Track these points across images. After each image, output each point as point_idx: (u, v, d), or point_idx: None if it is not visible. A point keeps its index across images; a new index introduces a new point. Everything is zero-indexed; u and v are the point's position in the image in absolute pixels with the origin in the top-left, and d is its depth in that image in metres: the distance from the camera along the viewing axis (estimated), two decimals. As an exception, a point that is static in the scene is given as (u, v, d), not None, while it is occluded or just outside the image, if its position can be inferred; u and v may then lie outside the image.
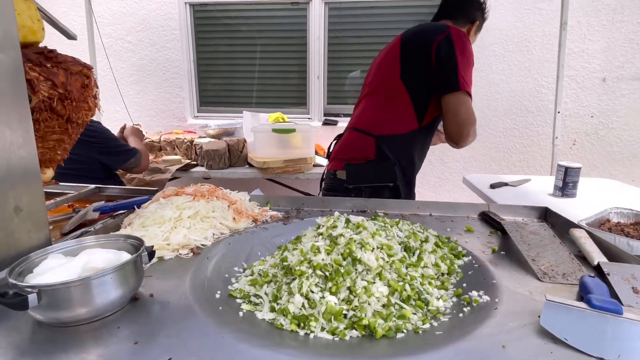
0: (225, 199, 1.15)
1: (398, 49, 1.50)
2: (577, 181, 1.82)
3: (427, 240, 0.91)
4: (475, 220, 1.21)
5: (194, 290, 0.75)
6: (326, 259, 0.76)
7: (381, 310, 0.70)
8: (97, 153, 1.91)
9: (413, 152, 1.55)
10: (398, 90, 1.48)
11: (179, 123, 3.27)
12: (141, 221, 0.97)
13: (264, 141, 2.40)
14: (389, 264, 0.78)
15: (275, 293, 0.75)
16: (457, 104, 1.38)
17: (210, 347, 0.58)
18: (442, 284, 0.82)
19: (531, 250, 0.90)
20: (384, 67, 1.54)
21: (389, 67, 1.51)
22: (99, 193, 1.40)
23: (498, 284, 0.77)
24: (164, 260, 0.89)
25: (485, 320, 0.65)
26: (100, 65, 3.01)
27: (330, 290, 0.71)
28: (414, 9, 3.01)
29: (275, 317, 0.70)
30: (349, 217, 0.87)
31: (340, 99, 3.24)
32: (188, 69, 3.23)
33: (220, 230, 1.03)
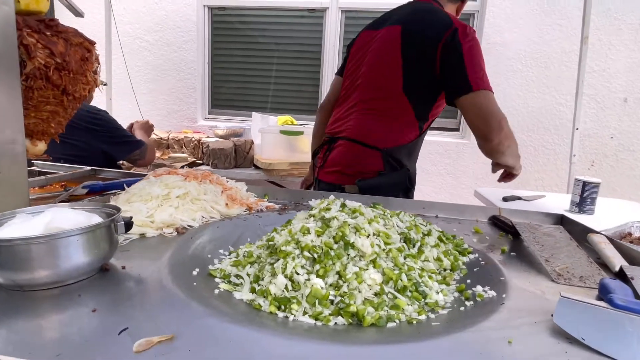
0: (219, 184, 1.09)
1: (399, 53, 1.35)
2: (596, 197, 1.72)
3: (429, 233, 0.84)
4: (484, 224, 1.13)
5: (170, 267, 0.68)
6: (316, 241, 0.69)
7: (372, 299, 0.63)
8: (100, 142, 1.89)
9: (416, 157, 1.50)
10: (400, 105, 1.37)
11: (189, 124, 3.27)
12: (127, 197, 0.92)
13: (271, 142, 2.36)
14: (385, 252, 0.71)
15: (258, 274, 0.68)
16: (475, 100, 1.27)
17: (174, 319, 0.51)
18: (444, 279, 0.74)
19: (545, 251, 0.82)
20: (381, 74, 1.40)
21: (388, 76, 1.37)
22: (95, 175, 1.36)
23: (506, 281, 0.69)
24: (146, 237, 0.83)
25: (490, 314, 0.57)
26: (116, 62, 3.05)
27: (317, 273, 0.65)
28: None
29: (254, 298, 0.63)
30: (345, 202, 0.80)
31: (352, 108, 3.20)
32: (202, 71, 3.24)
33: (210, 214, 0.97)
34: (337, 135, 1.49)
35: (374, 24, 1.51)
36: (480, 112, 1.28)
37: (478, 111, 1.28)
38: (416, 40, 1.33)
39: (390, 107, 1.39)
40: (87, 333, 0.49)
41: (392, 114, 1.39)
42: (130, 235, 0.82)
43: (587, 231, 0.98)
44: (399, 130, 1.39)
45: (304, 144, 2.36)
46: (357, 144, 1.43)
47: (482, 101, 1.27)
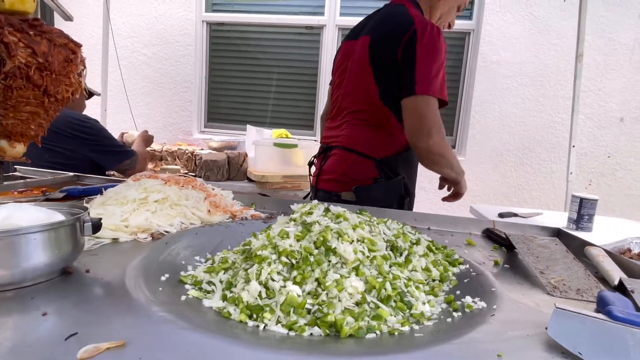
0: (203, 190, 1.05)
1: (368, 63, 1.35)
2: (593, 214, 1.68)
3: (418, 242, 0.79)
4: (478, 237, 1.08)
5: (137, 271, 0.64)
6: (295, 246, 0.65)
7: (353, 308, 0.58)
8: (88, 150, 1.86)
9: (413, 165, 1.45)
10: (383, 114, 1.36)
11: (184, 137, 3.25)
12: (102, 200, 0.88)
13: (264, 155, 2.33)
14: (369, 259, 0.67)
15: (231, 280, 0.63)
16: (414, 103, 1.23)
17: (130, 325, 0.47)
18: (432, 289, 0.69)
19: (540, 263, 0.78)
20: (359, 85, 1.40)
21: (365, 87, 1.37)
22: (78, 181, 1.32)
23: (498, 292, 0.65)
24: (119, 242, 0.79)
25: (478, 326, 0.53)
26: (113, 75, 3.05)
27: (295, 280, 0.60)
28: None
29: (225, 305, 0.58)
30: (329, 207, 0.76)
31: (348, 124, 3.19)
32: (199, 85, 3.25)
33: (190, 220, 0.92)
34: (331, 145, 1.49)
35: (351, 34, 1.52)
36: (415, 116, 1.25)
37: (413, 115, 1.26)
38: (381, 48, 1.33)
39: (376, 116, 1.38)
40: (32, 338, 0.44)
41: (378, 123, 1.38)
42: (102, 240, 0.78)
43: (584, 245, 0.94)
44: (387, 138, 1.38)
45: (298, 157, 2.33)
46: (352, 152, 1.42)
47: (420, 106, 1.24)
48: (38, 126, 1.08)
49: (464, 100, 2.96)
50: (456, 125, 3.02)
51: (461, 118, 2.99)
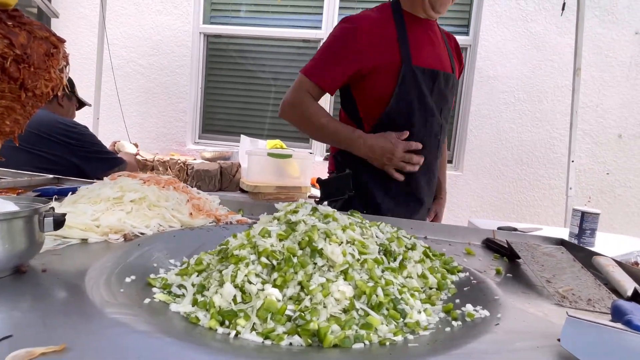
0: (185, 192, 0.99)
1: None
2: (595, 229, 1.62)
3: (413, 247, 0.73)
4: (477, 246, 1.02)
5: (99, 271, 0.57)
6: (277, 245, 0.58)
7: (339, 316, 0.52)
8: (75, 157, 1.79)
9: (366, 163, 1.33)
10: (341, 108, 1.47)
11: (178, 147, 3.20)
12: (74, 199, 0.82)
13: (258, 165, 2.28)
14: (359, 263, 0.60)
15: (203, 283, 0.57)
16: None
17: (76, 328, 0.40)
18: (429, 298, 0.63)
19: (545, 272, 0.71)
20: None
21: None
22: (57, 184, 1.25)
23: (502, 300, 0.58)
24: (87, 243, 0.72)
25: (481, 335, 0.46)
26: (107, 85, 3.01)
27: (275, 283, 0.53)
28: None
29: (194, 310, 0.52)
30: (317, 207, 0.70)
31: (344, 137, 3.16)
32: (195, 96, 3.21)
33: (170, 222, 0.86)
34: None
35: None
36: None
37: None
38: None
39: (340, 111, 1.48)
40: (-42, 342, 0.37)
41: (339, 117, 1.47)
42: (69, 240, 0.71)
43: (590, 255, 0.87)
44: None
45: (292, 167, 2.28)
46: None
47: (294, 83, 1.37)
48: (14, 122, 1.02)
49: (461, 115, 2.94)
50: (453, 139, 2.99)
51: (458, 132, 2.96)
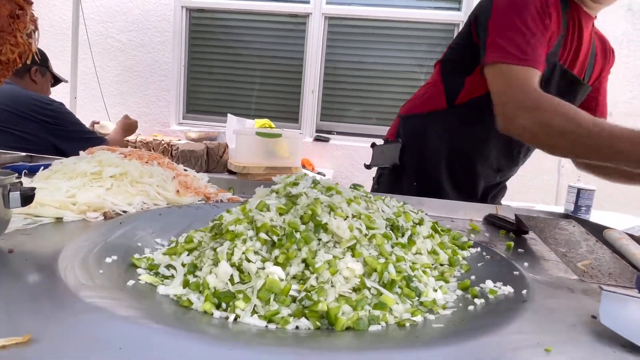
0: (171, 168, 0.92)
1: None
2: (591, 205, 1.61)
3: (421, 222, 0.68)
4: (480, 223, 0.98)
5: (75, 251, 0.50)
6: (277, 220, 0.52)
7: (349, 295, 0.46)
8: (51, 135, 1.69)
9: (437, 136, 1.21)
10: (434, 77, 1.23)
11: (161, 128, 3.08)
12: (47, 174, 0.74)
13: (246, 145, 2.19)
14: (367, 238, 0.55)
15: (195, 262, 0.50)
16: (491, 79, 0.99)
17: (45, 316, 0.33)
18: (442, 275, 0.58)
19: (560, 246, 0.67)
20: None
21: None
22: (30, 163, 1.16)
23: (524, 275, 0.54)
24: (62, 222, 0.65)
25: (511, 315, 0.41)
26: (84, 62, 2.86)
27: (276, 261, 0.48)
28: (419, 24, 2.93)
29: (185, 292, 0.46)
30: (318, 180, 0.64)
31: (334, 117, 3.08)
32: (177, 74, 3.08)
33: (155, 200, 0.79)
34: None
35: None
36: (494, 98, 0.98)
37: (493, 96, 0.99)
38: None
39: (428, 80, 1.27)
40: None
41: (426, 84, 1.26)
42: (41, 219, 0.64)
43: (599, 229, 0.84)
44: (421, 97, 1.25)
45: (282, 147, 2.20)
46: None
47: (493, 82, 0.98)
48: (-24, 93, 0.93)
49: (453, 94, 2.89)
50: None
51: (450, 111, 2.91)
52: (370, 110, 3.06)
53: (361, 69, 3.01)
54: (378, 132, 3.00)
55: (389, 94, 3.01)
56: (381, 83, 3.01)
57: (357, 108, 3.07)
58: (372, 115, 3.07)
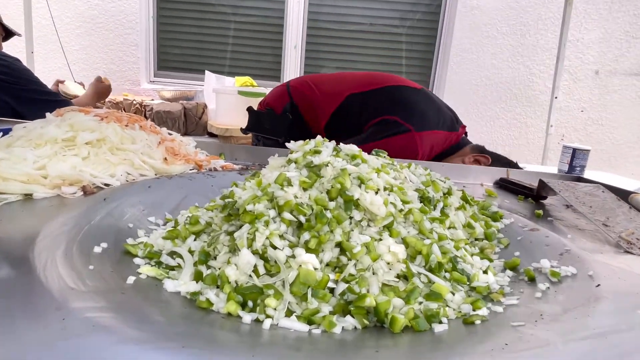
0: (155, 132, 0.80)
1: None
2: (585, 166, 1.60)
3: (450, 192, 0.61)
4: (492, 188, 0.93)
5: (54, 240, 0.40)
6: (302, 197, 0.44)
7: (395, 284, 0.39)
8: (7, 95, 1.49)
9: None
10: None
11: (131, 87, 2.84)
12: (7, 141, 0.61)
13: (227, 105, 2.05)
14: (402, 214, 0.47)
15: (207, 249, 0.42)
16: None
17: (24, 338, 0.24)
18: (482, 251, 0.52)
19: (597, 214, 0.62)
20: None
21: None
22: (-15, 128, 1.00)
23: (575, 252, 0.48)
24: (32, 199, 0.54)
25: (592, 302, 0.35)
26: (39, 12, 2.54)
27: (307, 246, 0.40)
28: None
29: (200, 289, 0.37)
30: (338, 146, 0.55)
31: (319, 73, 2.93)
32: (146, 26, 2.81)
33: (141, 170, 0.68)
34: None
35: None
36: None
37: None
38: None
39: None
40: None
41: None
42: (6, 196, 0.53)
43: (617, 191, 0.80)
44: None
45: (265, 108, 2.07)
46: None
47: None
48: None
49: (442, 50, 2.78)
50: (432, 77, 2.85)
51: (438, 69, 2.81)
52: (354, 67, 2.92)
53: (347, 21, 2.83)
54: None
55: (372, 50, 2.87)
56: (365, 38, 2.85)
57: (342, 65, 2.92)
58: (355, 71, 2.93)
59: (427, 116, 1.17)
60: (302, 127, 1.31)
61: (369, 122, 1.18)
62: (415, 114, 1.15)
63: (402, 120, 1.12)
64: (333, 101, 1.24)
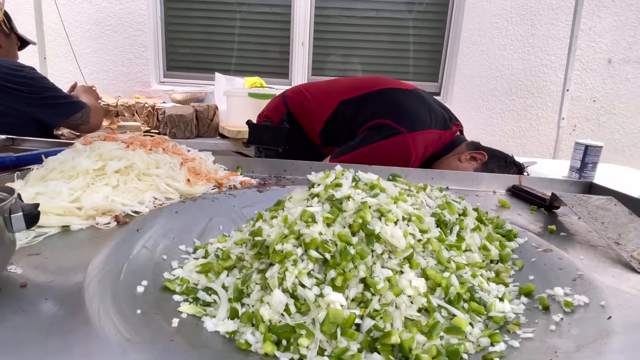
0: (177, 153, 0.83)
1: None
2: (597, 162, 1.60)
3: (465, 213, 0.63)
4: (504, 196, 0.94)
5: (101, 280, 0.44)
6: (326, 233, 0.46)
7: (417, 319, 0.42)
8: (27, 105, 1.53)
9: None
10: None
11: (141, 88, 2.87)
12: (42, 173, 0.65)
13: (238, 107, 2.07)
14: (421, 244, 0.50)
15: (240, 287, 0.45)
16: None
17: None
18: (498, 275, 0.54)
19: (609, 231, 0.64)
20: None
21: None
22: (12, 146, 1.05)
23: (587, 277, 0.50)
24: (71, 231, 0.58)
25: (603, 338, 0.38)
26: (49, 17, 2.58)
27: (333, 284, 0.42)
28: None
29: (237, 328, 0.40)
30: (356, 175, 0.58)
31: (326, 70, 2.92)
32: (154, 27, 2.83)
33: (166, 194, 0.71)
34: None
35: None
36: None
37: None
38: None
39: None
40: None
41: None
42: (46, 230, 0.56)
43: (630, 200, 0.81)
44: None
45: (276, 108, 2.08)
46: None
47: None
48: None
49: (451, 42, 2.75)
50: (442, 70, 2.83)
51: (447, 62, 2.79)
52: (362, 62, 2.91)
53: (354, 15, 2.81)
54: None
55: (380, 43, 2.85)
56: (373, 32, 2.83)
57: (350, 60, 2.91)
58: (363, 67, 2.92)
59: (419, 117, 1.18)
60: (300, 134, 1.34)
61: (363, 126, 1.20)
62: (407, 115, 1.17)
63: (394, 122, 1.14)
64: (326, 108, 1.27)
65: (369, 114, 1.18)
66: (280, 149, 1.35)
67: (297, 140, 1.35)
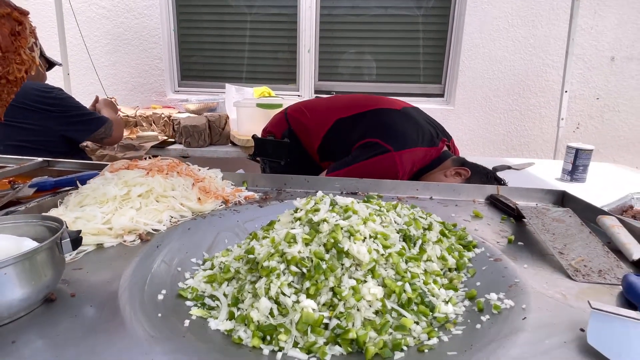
0: (189, 175, 0.96)
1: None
2: (588, 165, 1.67)
3: (430, 227, 0.74)
4: (482, 205, 1.04)
5: (130, 290, 0.57)
6: (304, 251, 0.58)
7: (373, 319, 0.54)
8: (57, 123, 1.70)
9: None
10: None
11: (158, 98, 3.04)
12: (79, 199, 0.79)
13: (247, 117, 2.20)
14: (384, 258, 0.62)
15: (236, 295, 0.57)
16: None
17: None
18: (450, 282, 0.65)
19: (557, 242, 0.74)
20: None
21: None
22: (48, 167, 1.20)
23: (522, 284, 0.61)
24: (104, 248, 0.71)
25: (513, 334, 0.49)
26: (71, 33, 2.75)
27: (308, 292, 0.54)
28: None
29: (234, 326, 0.53)
30: (335, 199, 0.70)
31: (332, 75, 3.03)
32: (168, 39, 2.98)
33: (181, 212, 0.85)
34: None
35: None
36: None
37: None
38: None
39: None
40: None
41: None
42: (84, 248, 0.70)
43: (593, 211, 0.91)
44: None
45: (283, 117, 2.21)
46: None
47: None
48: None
49: (453, 44, 2.82)
50: (445, 72, 2.90)
51: (450, 64, 2.86)
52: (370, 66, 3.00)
53: (358, 21, 2.90)
54: (377, 89, 2.97)
55: (387, 48, 2.93)
56: (378, 37, 2.91)
57: (356, 64, 3.01)
58: (371, 71, 3.01)
59: (405, 135, 1.29)
60: (300, 149, 1.46)
61: (355, 144, 1.31)
62: (394, 134, 1.28)
63: (382, 141, 1.25)
64: (323, 125, 1.39)
65: (361, 133, 1.30)
66: (282, 161, 1.48)
67: (298, 155, 1.47)
